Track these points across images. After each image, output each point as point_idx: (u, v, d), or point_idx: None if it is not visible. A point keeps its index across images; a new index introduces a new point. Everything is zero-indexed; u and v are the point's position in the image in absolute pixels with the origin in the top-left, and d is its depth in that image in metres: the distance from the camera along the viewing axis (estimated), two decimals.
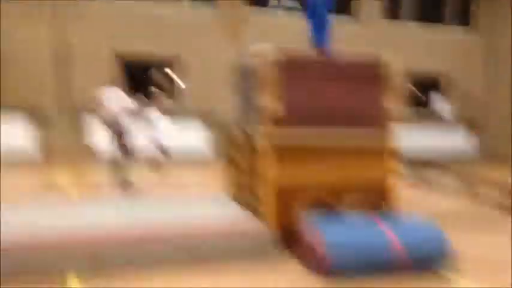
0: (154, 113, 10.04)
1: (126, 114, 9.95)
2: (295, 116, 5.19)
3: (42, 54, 10.88)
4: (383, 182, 5.44)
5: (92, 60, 11.22)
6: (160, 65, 12.53)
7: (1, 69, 10.76)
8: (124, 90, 10.26)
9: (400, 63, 12.20)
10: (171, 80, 11.69)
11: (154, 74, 11.34)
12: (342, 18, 13.60)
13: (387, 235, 4.48)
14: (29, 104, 10.79)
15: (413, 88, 14.78)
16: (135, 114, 9.61)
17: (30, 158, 10.70)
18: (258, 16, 12.39)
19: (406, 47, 13.33)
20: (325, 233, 4.42)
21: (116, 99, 10.00)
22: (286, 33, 12.01)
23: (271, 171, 5.06)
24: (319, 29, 5.74)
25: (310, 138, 5.23)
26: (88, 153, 11.14)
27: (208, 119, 12.08)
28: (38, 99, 10.90)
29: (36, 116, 10.92)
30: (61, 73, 11.02)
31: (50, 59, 10.93)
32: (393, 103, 5.55)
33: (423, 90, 15.06)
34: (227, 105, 6.43)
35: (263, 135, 5.12)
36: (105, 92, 9.74)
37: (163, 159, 9.92)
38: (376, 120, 5.47)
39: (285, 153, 5.12)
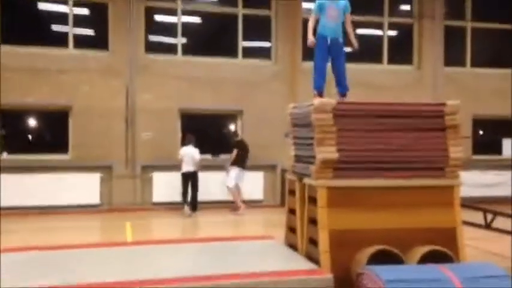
0: (227, 164, 11.14)
1: (198, 169, 10.73)
2: (353, 164, 5.17)
3: (112, 111, 11.59)
4: (449, 231, 5.21)
5: (158, 117, 11.79)
6: (224, 120, 12.96)
7: (73, 124, 11.53)
8: (194, 146, 10.87)
9: (468, 109, 12.01)
10: (236, 134, 12.02)
11: (222, 129, 11.84)
12: (405, 68, 13.56)
13: (446, 273, 4.23)
14: (97, 157, 11.40)
15: (483, 134, 14.21)
16: (206, 167, 11.11)
17: (98, 209, 11.21)
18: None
19: (474, 93, 12.99)
20: (385, 282, 4.25)
21: (189, 155, 10.58)
22: None
23: (326, 218, 5.01)
24: (320, 73, 5.93)
25: (369, 187, 5.16)
26: (152, 206, 11.56)
27: (268, 168, 12.23)
28: (107, 153, 11.51)
29: (104, 169, 11.50)
30: (129, 129, 11.65)
31: (119, 115, 11.62)
32: (460, 150, 5.40)
33: (495, 136, 14.46)
34: (286, 154, 6.51)
35: (320, 183, 5.12)
36: (181, 149, 10.85)
37: (238, 204, 10.98)
38: (442, 168, 5.33)
39: (342, 200, 5.07)
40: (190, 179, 10.76)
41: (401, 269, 4.58)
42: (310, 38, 5.89)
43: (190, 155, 10.74)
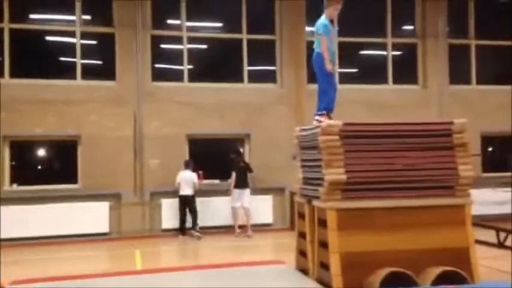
0: (233, 187, 11.29)
1: (194, 193, 10.96)
2: (362, 185, 5.15)
3: (120, 139, 11.66)
4: (462, 251, 5.14)
5: (166, 144, 11.85)
6: (231, 144, 13.01)
7: (81, 153, 11.61)
8: (195, 171, 11.07)
9: (475, 126, 11.96)
10: (243, 157, 12.05)
11: (230, 154, 11.90)
12: (410, 87, 13.58)
13: None
14: (106, 185, 11.44)
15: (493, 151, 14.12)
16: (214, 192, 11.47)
17: (107, 237, 11.19)
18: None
19: (481, 110, 12.96)
20: None
21: (186, 179, 10.89)
22: (350, 105, 12.21)
23: (337, 241, 4.96)
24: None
25: (379, 208, 5.13)
26: (161, 233, 11.53)
27: (276, 191, 12.22)
28: (116, 182, 11.54)
29: (113, 197, 11.52)
30: (137, 156, 11.71)
31: (127, 143, 11.69)
32: (470, 168, 5.37)
33: (504, 153, 14.36)
34: (294, 176, 6.49)
35: (330, 205, 5.09)
36: (180, 174, 11.02)
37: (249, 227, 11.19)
38: (453, 187, 5.30)
39: (352, 222, 5.04)
40: (187, 203, 11.12)
41: None
42: (329, 63, 5.80)
43: (187, 178, 11.12)
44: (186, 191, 11.11)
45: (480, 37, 14.02)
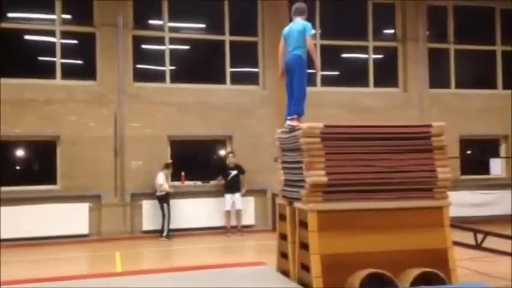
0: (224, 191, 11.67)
1: (159, 194, 11.13)
2: (343, 187, 5.18)
3: (100, 140, 11.55)
4: (440, 253, 5.21)
5: (147, 145, 11.76)
6: (213, 146, 12.99)
7: (61, 154, 11.46)
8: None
9: (454, 129, 12.13)
10: (225, 159, 12.07)
11: (212, 155, 12.02)
12: (391, 90, 13.73)
13: None
14: (86, 186, 11.32)
15: (471, 154, 14.35)
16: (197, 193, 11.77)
17: (87, 239, 11.08)
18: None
19: (460, 113, 13.18)
20: None
21: (166, 181, 10.97)
22: (331, 107, 12.30)
23: (317, 243, 4.99)
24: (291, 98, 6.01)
25: (359, 209, 5.17)
26: (141, 234, 11.45)
27: (258, 192, 12.23)
28: (96, 183, 11.42)
29: (93, 198, 11.40)
30: (118, 157, 11.60)
31: (108, 143, 11.58)
32: (448, 171, 5.44)
33: (483, 156, 14.61)
34: (276, 178, 6.50)
35: (311, 207, 5.12)
36: (159, 175, 11.08)
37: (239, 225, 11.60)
38: (431, 189, 5.37)
39: (333, 224, 5.07)
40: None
41: None
42: (319, 61, 5.92)
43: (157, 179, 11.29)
44: (157, 192, 11.30)
45: (459, 41, 14.25)
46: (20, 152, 12.36)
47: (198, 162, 13.02)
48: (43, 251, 9.93)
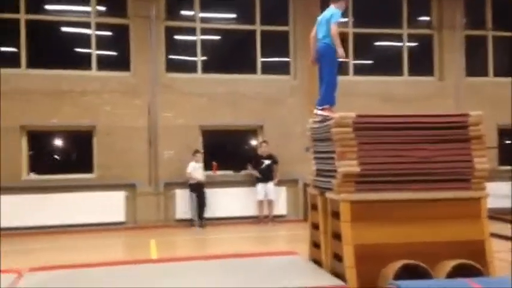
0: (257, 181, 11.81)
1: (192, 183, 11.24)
2: (376, 177, 5.13)
3: (134, 130, 11.75)
4: (477, 244, 5.10)
5: (180, 135, 11.91)
6: (244, 135, 13.02)
7: (97, 144, 11.73)
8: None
9: (492, 118, 11.78)
10: (257, 149, 12.12)
11: (243, 145, 12.08)
12: (426, 79, 13.44)
13: (475, 287, 4.14)
14: (121, 176, 11.55)
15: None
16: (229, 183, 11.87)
17: (123, 226, 11.33)
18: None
19: (498, 102, 12.78)
20: None
21: (199, 170, 11.05)
22: (364, 97, 12.15)
23: (350, 233, 4.96)
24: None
25: (393, 200, 5.10)
26: (175, 223, 11.63)
27: (290, 182, 12.23)
28: (131, 172, 11.65)
29: (128, 187, 11.63)
30: (151, 147, 11.79)
31: (142, 134, 11.78)
32: (486, 161, 5.31)
33: None
34: (307, 168, 6.49)
35: (343, 197, 5.09)
36: (190, 163, 11.20)
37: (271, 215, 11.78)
38: (468, 180, 5.25)
39: (365, 214, 5.02)
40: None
41: (429, 283, 4.50)
42: (342, 49, 5.84)
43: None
44: (190, 180, 11.41)
45: (497, 28, 13.80)
46: (58, 142, 12.72)
47: (229, 152, 13.10)
48: (80, 238, 10.23)
